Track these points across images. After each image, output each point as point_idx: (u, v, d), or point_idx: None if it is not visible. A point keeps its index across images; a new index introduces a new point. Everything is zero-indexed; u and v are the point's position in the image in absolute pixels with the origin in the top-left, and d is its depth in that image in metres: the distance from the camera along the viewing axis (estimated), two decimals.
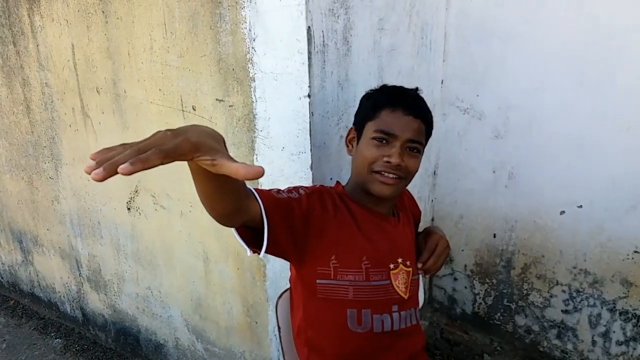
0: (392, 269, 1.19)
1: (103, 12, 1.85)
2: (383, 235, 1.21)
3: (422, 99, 1.24)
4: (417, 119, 1.15)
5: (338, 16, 1.41)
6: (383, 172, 1.14)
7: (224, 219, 0.92)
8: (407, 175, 1.17)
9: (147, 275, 2.23)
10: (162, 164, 0.60)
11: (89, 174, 0.56)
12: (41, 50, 2.18)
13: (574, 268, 2.03)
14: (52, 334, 2.85)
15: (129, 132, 1.96)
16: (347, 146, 1.28)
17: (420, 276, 1.32)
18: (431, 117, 1.23)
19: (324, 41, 1.39)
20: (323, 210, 1.15)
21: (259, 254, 1.04)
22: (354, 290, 1.14)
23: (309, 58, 1.35)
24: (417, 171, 1.19)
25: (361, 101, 1.27)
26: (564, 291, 2.08)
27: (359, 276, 1.14)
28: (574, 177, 1.93)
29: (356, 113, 1.27)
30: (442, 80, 2.09)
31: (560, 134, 1.91)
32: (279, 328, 1.34)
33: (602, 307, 2.01)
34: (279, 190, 1.10)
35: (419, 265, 1.26)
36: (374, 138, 1.15)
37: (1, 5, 2.26)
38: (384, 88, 1.26)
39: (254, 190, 1.00)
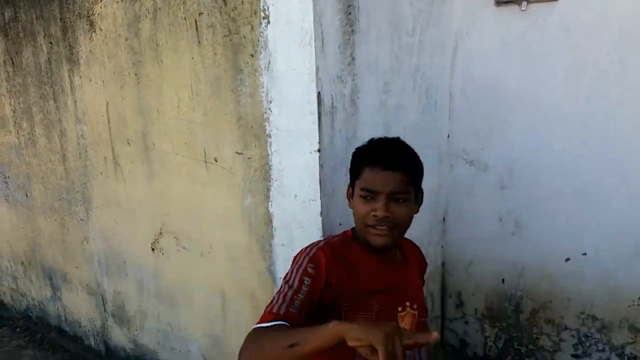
0: (400, 312, 1.27)
1: (136, 74, 2.04)
2: (391, 280, 1.29)
3: (401, 149, 1.28)
4: (395, 171, 1.19)
5: (346, 82, 1.55)
6: (375, 226, 1.21)
7: None
8: (398, 224, 1.22)
9: (168, 312, 2.34)
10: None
11: None
12: (78, 106, 2.38)
13: (582, 313, 2.07)
14: None
15: (156, 180, 2.11)
16: (348, 200, 1.35)
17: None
18: (414, 164, 1.26)
19: (333, 103, 1.52)
20: (328, 280, 1.19)
21: None
22: None
23: (319, 118, 1.49)
24: (410, 217, 1.25)
25: (351, 159, 1.33)
26: (572, 336, 2.11)
27: (369, 318, 1.21)
28: (578, 226, 1.99)
29: (349, 171, 1.34)
30: (448, 135, 2.20)
31: (563, 185, 1.98)
32: None
33: (611, 352, 2.04)
34: (291, 287, 1.16)
35: None
36: (361, 196, 1.22)
37: (45, 66, 2.49)
38: (365, 145, 1.31)
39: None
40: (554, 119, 1.96)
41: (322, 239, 1.34)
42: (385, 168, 1.19)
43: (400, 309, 1.27)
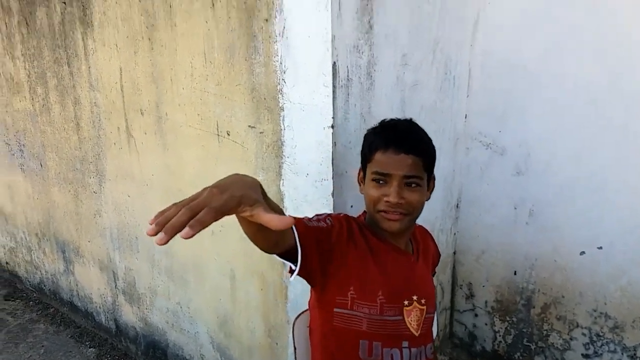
0: (406, 306, 1.24)
1: (149, 39, 2.01)
2: (400, 271, 1.26)
3: (415, 132, 1.25)
4: (409, 154, 1.17)
5: (362, 52, 1.51)
6: (387, 211, 1.19)
7: (265, 250, 1.05)
8: (411, 210, 1.20)
9: (178, 291, 2.33)
10: (215, 220, 0.66)
11: (152, 236, 0.62)
12: (92, 72, 2.37)
13: (594, 311, 2.01)
14: (87, 343, 2.98)
15: (169, 153, 2.10)
16: (359, 185, 1.33)
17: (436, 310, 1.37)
18: (428, 148, 1.24)
19: (348, 76, 1.49)
20: (348, 241, 1.20)
21: (291, 276, 1.13)
22: (368, 323, 1.20)
23: (334, 91, 1.46)
24: (422, 203, 1.23)
25: (363, 142, 1.31)
26: (584, 334, 2.05)
27: (373, 309, 1.19)
28: (594, 218, 1.93)
29: (360, 153, 1.31)
30: (466, 115, 2.15)
31: (581, 174, 1.92)
32: (294, 348, 1.39)
33: (622, 354, 1.98)
34: (310, 218, 1.17)
35: None
36: (373, 180, 1.20)
37: (58, 28, 2.47)
38: (378, 127, 1.28)
39: None
40: (573, 101, 1.89)
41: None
42: (399, 151, 1.17)
43: (406, 302, 1.24)
